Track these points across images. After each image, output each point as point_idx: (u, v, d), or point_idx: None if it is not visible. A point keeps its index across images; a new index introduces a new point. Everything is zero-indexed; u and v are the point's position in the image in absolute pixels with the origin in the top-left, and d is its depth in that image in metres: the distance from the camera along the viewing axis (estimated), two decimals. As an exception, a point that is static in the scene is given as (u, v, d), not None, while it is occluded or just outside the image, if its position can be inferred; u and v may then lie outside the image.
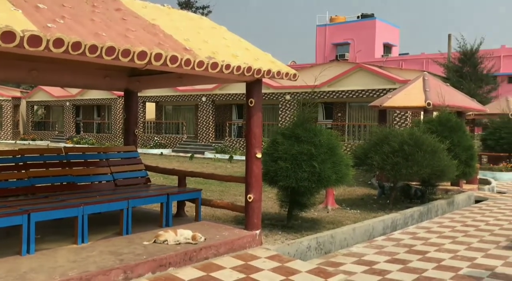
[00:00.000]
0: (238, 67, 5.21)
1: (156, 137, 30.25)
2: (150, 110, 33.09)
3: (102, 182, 6.60)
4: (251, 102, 5.91)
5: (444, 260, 6.07)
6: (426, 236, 7.52)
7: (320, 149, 6.73)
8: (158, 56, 4.39)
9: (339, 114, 25.15)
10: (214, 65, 4.94)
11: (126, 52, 4.13)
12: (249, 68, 5.34)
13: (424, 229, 8.08)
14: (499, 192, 13.20)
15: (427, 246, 6.82)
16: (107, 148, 7.39)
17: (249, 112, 5.96)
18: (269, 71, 5.62)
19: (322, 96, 23.33)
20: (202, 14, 27.17)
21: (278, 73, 5.77)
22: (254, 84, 5.92)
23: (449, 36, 27.87)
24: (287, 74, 5.89)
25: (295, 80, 6.08)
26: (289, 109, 24.54)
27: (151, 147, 28.33)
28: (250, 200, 6.00)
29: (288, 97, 24.75)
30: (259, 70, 5.47)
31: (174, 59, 4.53)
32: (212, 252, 5.34)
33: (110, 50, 4.02)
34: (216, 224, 6.49)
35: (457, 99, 13.71)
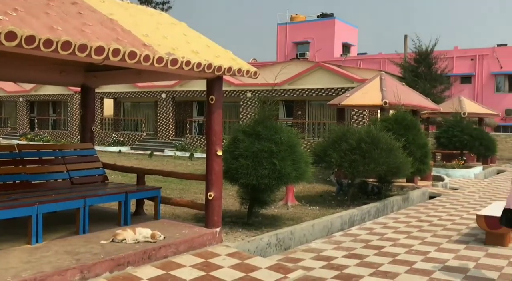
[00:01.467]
0: (199, 64, 5.18)
1: (114, 134, 29.62)
2: (108, 106, 32.36)
3: (58, 180, 6.40)
4: (211, 99, 5.89)
5: (399, 254, 6.26)
6: (382, 231, 7.72)
7: (280, 147, 6.79)
8: (116, 52, 4.31)
9: (300, 112, 25.43)
10: (174, 61, 4.89)
11: (82, 47, 4.03)
12: (209, 65, 5.32)
13: (380, 224, 8.30)
14: (452, 188, 13.71)
15: (383, 241, 7.02)
16: (63, 145, 7.19)
17: (210, 109, 5.94)
18: (229, 69, 5.62)
19: (283, 94, 23.52)
20: (162, 9, 26.85)
21: (239, 70, 5.77)
22: (214, 81, 5.90)
23: (405, 37, 28.67)
24: (248, 71, 5.91)
25: (256, 77, 6.11)
26: (250, 106, 24.60)
27: (109, 145, 27.72)
28: (210, 198, 5.98)
29: (249, 94, 24.81)
30: (219, 67, 5.46)
31: (132, 55, 4.46)
32: (172, 250, 5.30)
33: (66, 44, 3.91)
34: (176, 222, 6.43)
35: (412, 98, 14.15)
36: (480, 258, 6.08)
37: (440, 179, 14.47)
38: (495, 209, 7.24)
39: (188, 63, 5.05)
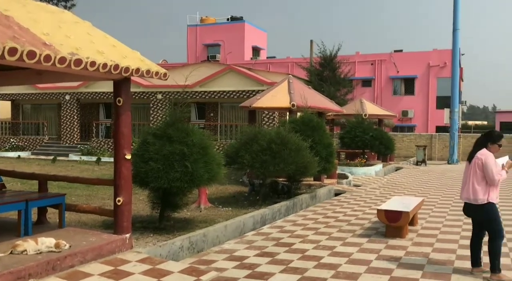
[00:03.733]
0: (104, 65, 5.00)
1: (13, 138, 27.49)
2: (5, 109, 29.94)
3: None
4: (119, 101, 5.72)
5: (308, 250, 6.52)
6: (292, 229, 7.99)
7: (192, 149, 6.76)
8: (12, 51, 4.03)
9: (212, 114, 25.44)
10: (78, 62, 4.68)
11: (-27, 45, 3.72)
12: (116, 66, 5.16)
13: (290, 222, 8.58)
14: (355, 185, 14.53)
15: (293, 238, 7.27)
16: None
17: (117, 112, 5.76)
18: (137, 70, 5.49)
19: (194, 96, 23.40)
20: (65, 7, 25.36)
21: (148, 71, 5.66)
22: (122, 83, 5.74)
23: (311, 42, 29.91)
24: (157, 73, 5.81)
25: (166, 79, 6.03)
26: (161, 108, 24.14)
27: (6, 150, 25.67)
28: (119, 203, 5.80)
29: (159, 96, 24.34)
30: (127, 68, 5.32)
31: (31, 54, 4.19)
32: (78, 259, 5.06)
33: (-46, 41, 3.58)
34: (83, 230, 6.15)
35: (318, 100, 14.79)
36: (381, 250, 6.52)
37: (345, 177, 15.26)
38: (394, 204, 7.83)
39: (93, 63, 4.85)
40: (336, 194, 12.59)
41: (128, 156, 5.82)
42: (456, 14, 24.32)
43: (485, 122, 64.65)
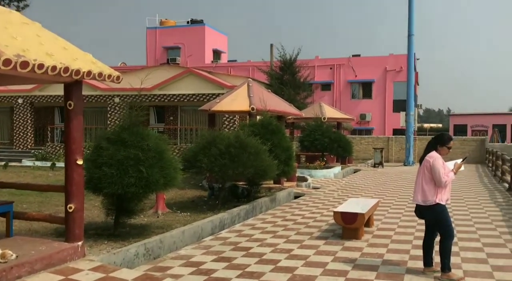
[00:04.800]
0: (54, 67, 4.84)
1: (-39, 144, 26.26)
2: (-47, 112, 28.57)
3: None
4: (70, 105, 5.55)
5: (265, 254, 6.52)
6: (250, 232, 7.97)
7: (147, 154, 6.64)
8: (-49, 52, 3.83)
9: (171, 118, 25.15)
10: (24, 64, 4.50)
11: None
12: (66, 69, 5.00)
13: (249, 226, 8.56)
14: (314, 188, 14.68)
15: (251, 242, 7.25)
16: None
17: (68, 116, 5.59)
18: (89, 72, 5.34)
19: (153, 99, 23.08)
20: (18, 8, 24.41)
21: (100, 74, 5.52)
22: (73, 86, 5.57)
23: (271, 46, 30.11)
24: (109, 76, 5.67)
25: (119, 82, 5.90)
26: (119, 112, 23.65)
27: (-46, 156, 24.47)
28: (70, 210, 5.63)
29: (117, 99, 23.85)
30: (77, 71, 5.16)
31: (-27, 55, 4.00)
32: (26, 269, 4.85)
33: None
34: (32, 239, 5.92)
35: (277, 104, 14.88)
36: (338, 252, 6.60)
37: (304, 179, 15.39)
38: (350, 206, 7.95)
39: (41, 66, 4.68)
40: (296, 197, 12.68)
41: (80, 162, 5.65)
42: (411, 20, 25.07)
43: (440, 125, 67.02)
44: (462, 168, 5.53)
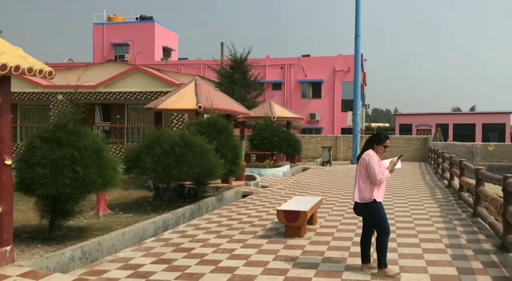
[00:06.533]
0: (-24, 62, 4.53)
1: None
2: None
3: None
4: (-4, 102, 5.22)
5: (207, 254, 6.42)
6: (194, 233, 7.85)
7: (84, 153, 6.39)
8: None
9: (118, 116, 24.45)
10: None
11: None
12: (-10, 63, 4.70)
13: (193, 226, 8.44)
14: (263, 186, 14.72)
15: (193, 243, 7.13)
16: None
17: (-5, 113, 5.26)
18: (17, 67, 5.05)
19: (98, 97, 22.37)
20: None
21: (30, 69, 5.23)
22: (0, 82, 5.24)
23: (222, 44, 29.97)
24: (41, 71, 5.40)
25: (51, 78, 5.63)
26: (62, 110, 22.74)
27: None
28: (-3, 213, 5.29)
29: (60, 97, 22.91)
30: (4, 66, 4.87)
31: None
32: None
33: None
34: (-44, 244, 5.52)
35: (225, 103, 14.79)
36: (280, 250, 6.60)
37: (253, 178, 15.40)
38: (293, 204, 7.99)
39: (-39, 59, 4.37)
40: (244, 196, 12.65)
41: (8, 162, 5.33)
42: (358, 21, 25.68)
43: (387, 124, 69.24)
44: (399, 165, 5.66)
